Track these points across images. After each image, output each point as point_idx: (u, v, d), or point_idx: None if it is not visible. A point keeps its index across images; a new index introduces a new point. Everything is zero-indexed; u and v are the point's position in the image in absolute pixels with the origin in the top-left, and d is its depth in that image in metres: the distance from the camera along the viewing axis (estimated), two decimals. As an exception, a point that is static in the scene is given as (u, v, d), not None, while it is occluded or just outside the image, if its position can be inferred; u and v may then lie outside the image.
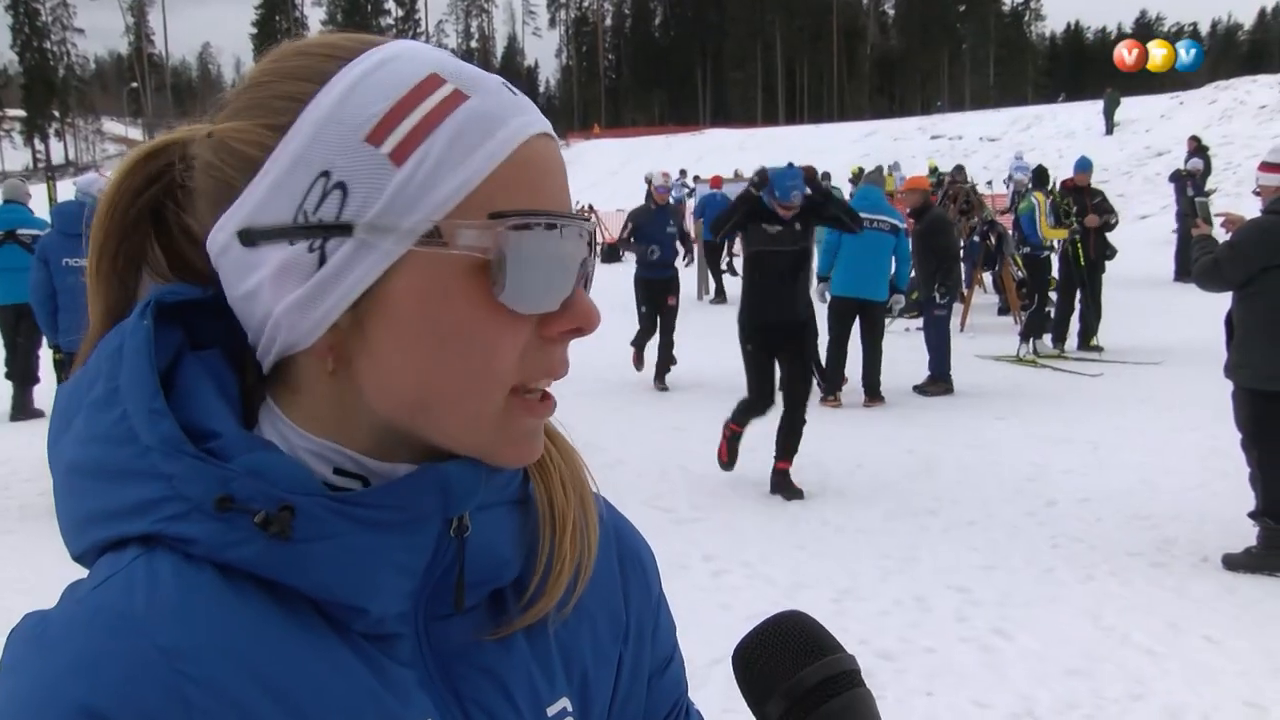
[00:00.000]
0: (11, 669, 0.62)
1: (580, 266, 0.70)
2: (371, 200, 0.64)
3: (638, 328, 10.98)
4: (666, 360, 10.82)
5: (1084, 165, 12.31)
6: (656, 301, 10.71)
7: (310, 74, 0.68)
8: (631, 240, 10.74)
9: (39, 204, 10.41)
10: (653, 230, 10.65)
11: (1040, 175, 13.33)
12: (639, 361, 10.94)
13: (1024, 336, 11.94)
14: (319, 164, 0.65)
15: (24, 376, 9.76)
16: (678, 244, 11.35)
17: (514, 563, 0.77)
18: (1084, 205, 11.90)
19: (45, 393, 9.64)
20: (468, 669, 0.74)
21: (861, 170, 26.65)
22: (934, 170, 25.58)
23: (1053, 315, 12.30)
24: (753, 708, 0.71)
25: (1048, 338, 12.23)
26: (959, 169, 20.87)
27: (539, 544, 0.78)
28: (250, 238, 0.67)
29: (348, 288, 0.65)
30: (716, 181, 22.18)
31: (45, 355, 9.03)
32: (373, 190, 0.64)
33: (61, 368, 7.51)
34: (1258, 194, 5.77)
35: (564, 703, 0.79)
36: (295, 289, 0.66)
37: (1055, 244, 12.16)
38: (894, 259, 9.61)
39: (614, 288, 18.38)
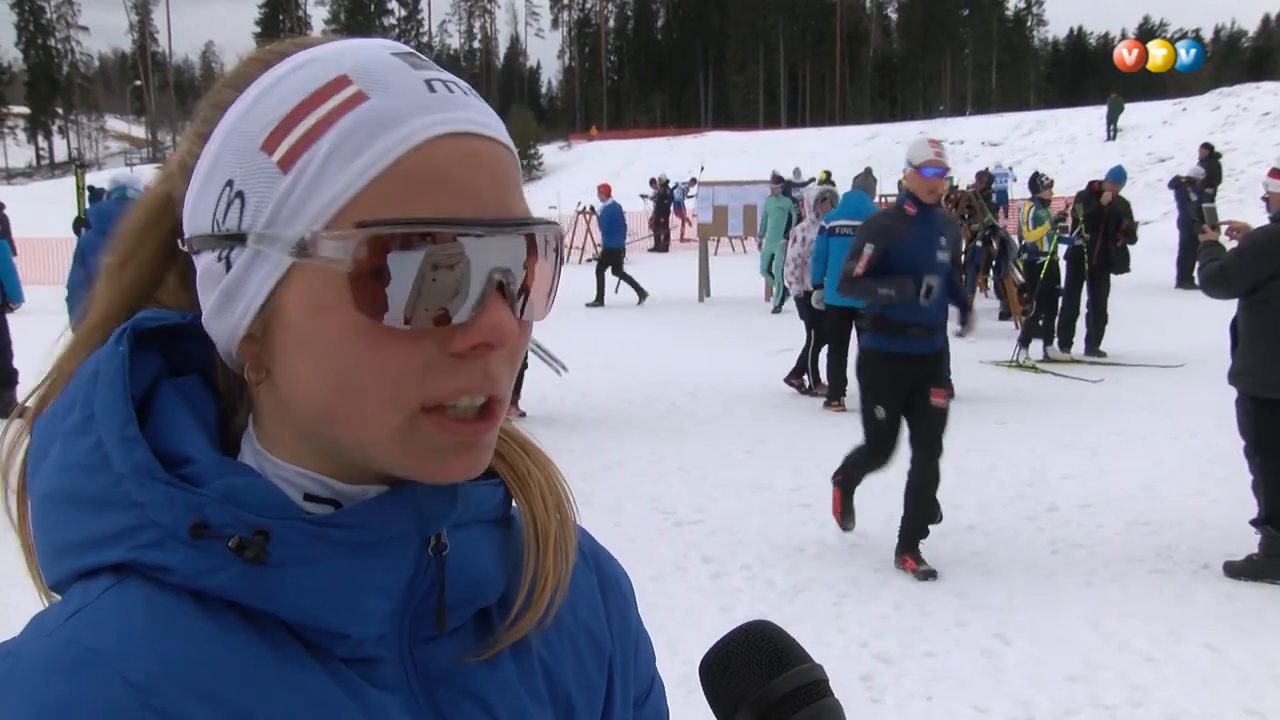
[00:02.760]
0: None
1: (488, 276, 0.63)
2: (262, 209, 0.63)
3: (860, 443, 5.99)
4: (924, 518, 5.69)
5: (1118, 175, 12.20)
6: (911, 399, 5.62)
7: (239, 80, 0.68)
8: (876, 278, 5.62)
9: (67, 200, 10.34)
10: (916, 253, 5.59)
11: (1032, 183, 13.20)
12: (844, 512, 6.09)
13: (1022, 341, 11.92)
14: (225, 172, 0.65)
15: (5, 379, 9.73)
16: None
17: (497, 581, 0.75)
18: (1100, 212, 11.84)
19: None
20: (453, 692, 0.72)
21: (828, 174, 26.60)
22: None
23: (1057, 321, 12.27)
24: (720, 719, 0.70)
25: (1057, 343, 12.18)
26: (984, 174, 20.84)
27: (524, 561, 0.76)
28: (191, 246, 0.68)
29: (249, 298, 0.65)
30: (606, 190, 19.78)
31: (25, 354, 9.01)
32: (263, 199, 0.63)
33: None
34: (1266, 200, 5.76)
35: None
36: (210, 297, 0.67)
37: (1043, 246, 12.13)
38: None
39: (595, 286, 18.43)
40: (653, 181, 30.86)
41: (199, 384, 0.71)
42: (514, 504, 0.79)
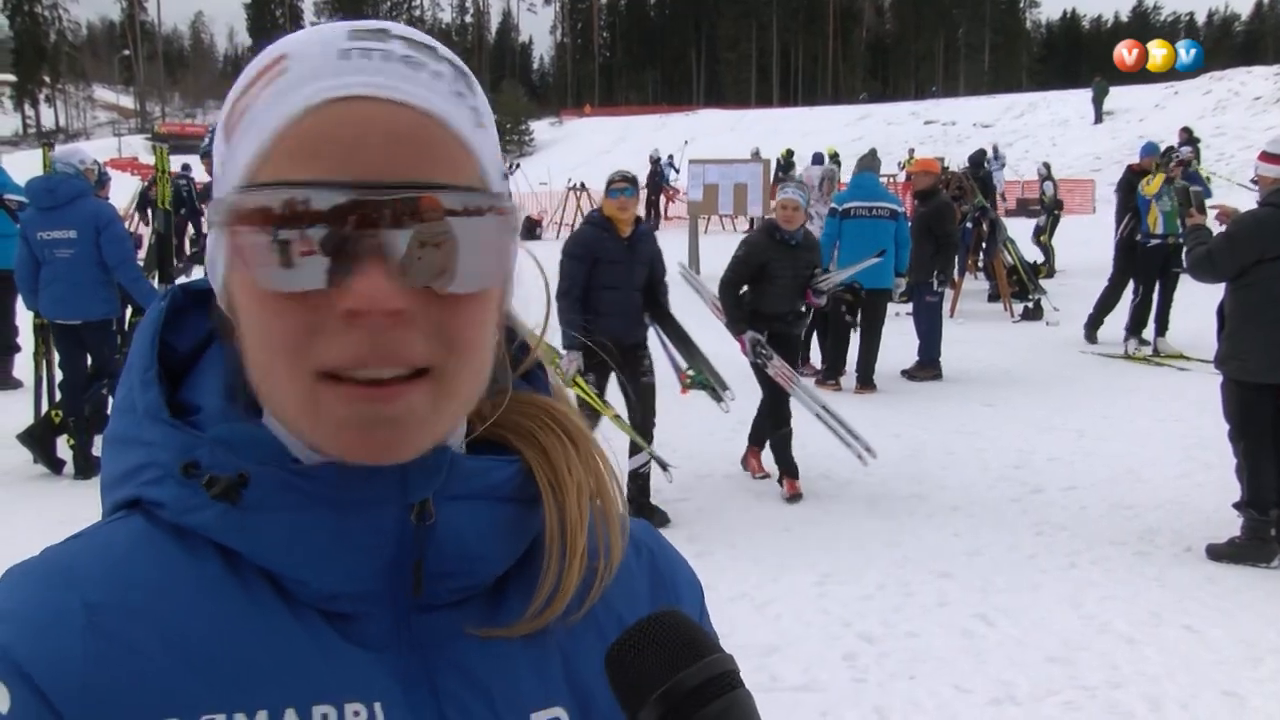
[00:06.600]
0: None
1: (360, 240, 0.61)
2: (219, 185, 0.69)
3: None
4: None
5: (1150, 149, 12.02)
6: None
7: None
8: None
9: (32, 172, 10.22)
10: None
11: (1165, 157, 12.51)
12: None
13: (1131, 331, 11.32)
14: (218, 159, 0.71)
15: (4, 345, 9.62)
16: None
17: (492, 561, 0.74)
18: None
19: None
20: (446, 663, 0.72)
21: (820, 155, 26.33)
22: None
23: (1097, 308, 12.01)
24: (627, 713, 0.68)
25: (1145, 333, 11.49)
26: (980, 152, 20.71)
27: (546, 558, 0.75)
28: None
29: (218, 270, 0.70)
30: None
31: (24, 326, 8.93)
32: (218, 176, 0.69)
33: (41, 332, 7.45)
34: (1255, 184, 5.76)
35: (557, 712, 0.75)
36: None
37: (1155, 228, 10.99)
38: (894, 243, 9.45)
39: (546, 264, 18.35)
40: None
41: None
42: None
